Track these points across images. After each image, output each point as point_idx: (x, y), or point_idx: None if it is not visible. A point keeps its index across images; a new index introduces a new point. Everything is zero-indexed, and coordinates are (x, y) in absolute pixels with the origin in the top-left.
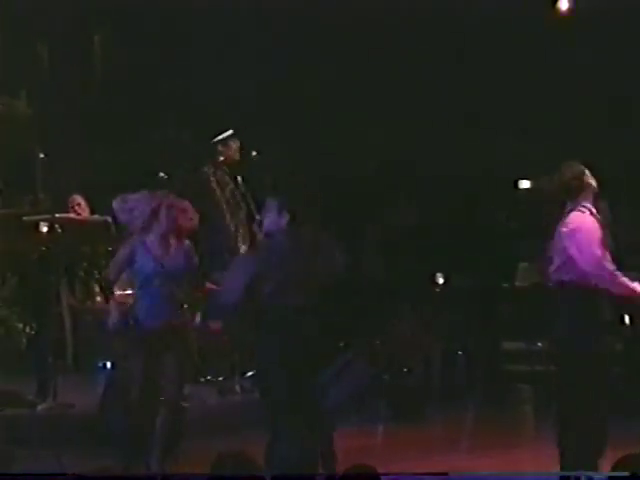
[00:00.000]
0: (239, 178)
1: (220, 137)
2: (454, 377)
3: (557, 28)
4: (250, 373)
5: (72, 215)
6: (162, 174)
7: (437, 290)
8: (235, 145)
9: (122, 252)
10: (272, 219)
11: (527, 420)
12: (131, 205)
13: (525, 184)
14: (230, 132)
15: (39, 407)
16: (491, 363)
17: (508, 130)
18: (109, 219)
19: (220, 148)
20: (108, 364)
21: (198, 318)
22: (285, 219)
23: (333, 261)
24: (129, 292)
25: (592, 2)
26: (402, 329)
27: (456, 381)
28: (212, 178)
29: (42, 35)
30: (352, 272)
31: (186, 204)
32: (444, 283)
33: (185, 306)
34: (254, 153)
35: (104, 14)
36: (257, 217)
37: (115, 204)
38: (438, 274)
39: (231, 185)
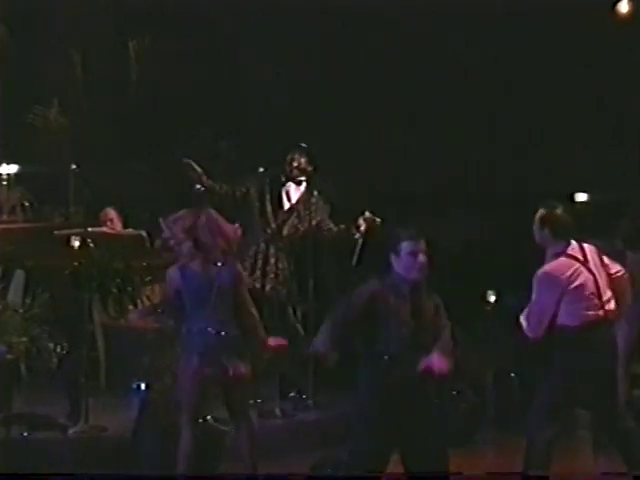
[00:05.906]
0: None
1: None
2: (506, 399)
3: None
4: (292, 395)
5: (105, 229)
6: (198, 186)
7: (488, 308)
8: (302, 159)
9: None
10: (411, 264)
11: (584, 443)
12: (170, 224)
13: (581, 197)
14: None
15: (70, 430)
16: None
17: (563, 142)
18: (143, 233)
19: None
20: (142, 385)
21: None
22: (425, 265)
23: None
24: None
25: None
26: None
27: (508, 404)
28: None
29: (76, 45)
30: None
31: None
32: (496, 301)
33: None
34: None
35: (139, 24)
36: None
37: (162, 224)
38: (489, 292)
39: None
